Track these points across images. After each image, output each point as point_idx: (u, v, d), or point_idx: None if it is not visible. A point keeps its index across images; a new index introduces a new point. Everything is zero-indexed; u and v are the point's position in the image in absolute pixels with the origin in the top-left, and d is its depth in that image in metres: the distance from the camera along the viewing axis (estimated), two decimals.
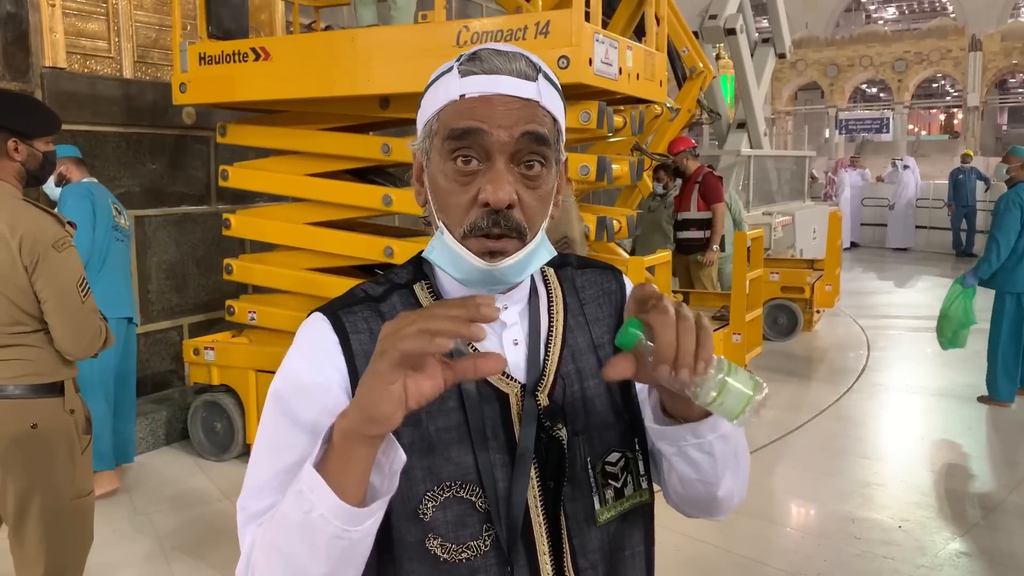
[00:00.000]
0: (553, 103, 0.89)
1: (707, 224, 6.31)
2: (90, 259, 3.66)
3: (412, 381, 0.72)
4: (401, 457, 0.78)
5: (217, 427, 4.45)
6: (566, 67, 3.17)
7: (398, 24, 3.95)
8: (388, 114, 3.83)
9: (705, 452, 0.90)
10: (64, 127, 3.20)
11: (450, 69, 0.88)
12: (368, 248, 3.99)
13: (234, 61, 3.97)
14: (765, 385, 0.79)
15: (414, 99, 0.98)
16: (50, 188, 3.83)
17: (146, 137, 4.89)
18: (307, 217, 4.24)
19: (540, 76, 0.88)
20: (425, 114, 0.90)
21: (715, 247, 6.31)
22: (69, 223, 2.25)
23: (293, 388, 0.89)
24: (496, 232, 0.85)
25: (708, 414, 0.86)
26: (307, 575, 0.79)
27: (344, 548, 0.77)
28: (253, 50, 3.91)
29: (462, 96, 0.85)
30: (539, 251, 0.89)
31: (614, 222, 3.94)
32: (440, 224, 0.89)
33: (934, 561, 3.31)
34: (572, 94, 3.32)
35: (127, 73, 5.04)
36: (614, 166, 3.68)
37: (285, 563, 0.80)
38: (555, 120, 0.89)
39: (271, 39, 4.06)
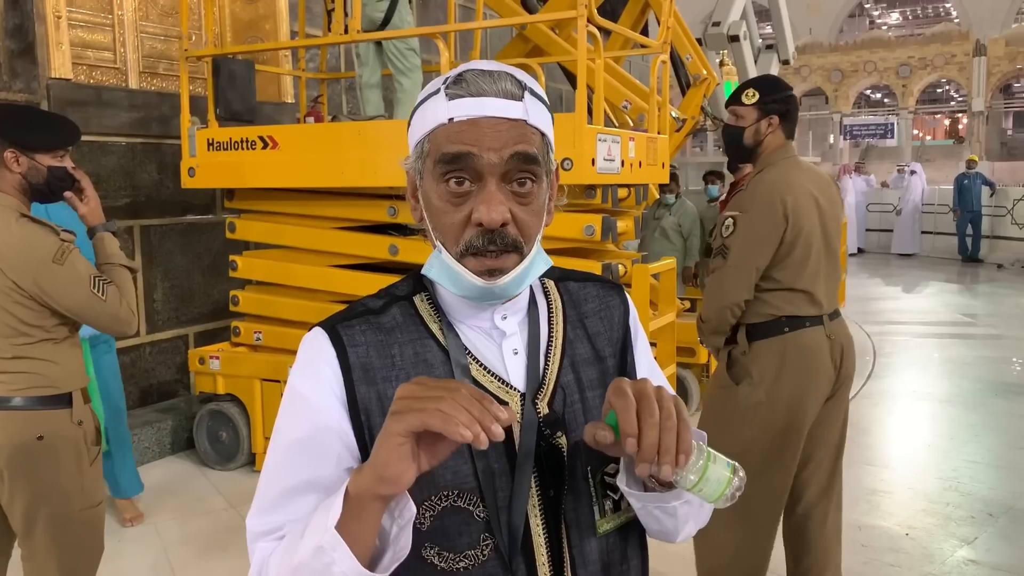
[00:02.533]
0: (540, 119, 0.89)
1: None
2: None
3: (426, 441, 0.74)
4: (411, 508, 0.80)
5: (222, 436, 4.45)
6: (570, 168, 3.23)
7: (404, 108, 3.96)
8: (396, 189, 3.87)
9: (669, 515, 0.92)
10: None
11: (437, 91, 0.88)
12: (373, 288, 3.99)
13: (242, 148, 4.02)
14: (741, 469, 0.82)
15: None
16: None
17: (151, 147, 4.91)
18: (314, 261, 4.26)
19: (526, 94, 0.88)
20: (415, 135, 0.91)
21: None
22: (65, 230, 2.21)
23: (296, 407, 0.91)
24: (493, 250, 0.86)
25: None
26: None
27: None
28: (261, 138, 3.95)
29: (451, 120, 0.86)
30: (536, 263, 0.91)
31: (618, 223, 3.97)
32: (437, 242, 0.90)
33: (941, 569, 3.29)
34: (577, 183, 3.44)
35: (132, 84, 5.07)
36: (619, 223, 3.73)
37: None
38: (543, 135, 0.90)
39: (279, 128, 4.12)
